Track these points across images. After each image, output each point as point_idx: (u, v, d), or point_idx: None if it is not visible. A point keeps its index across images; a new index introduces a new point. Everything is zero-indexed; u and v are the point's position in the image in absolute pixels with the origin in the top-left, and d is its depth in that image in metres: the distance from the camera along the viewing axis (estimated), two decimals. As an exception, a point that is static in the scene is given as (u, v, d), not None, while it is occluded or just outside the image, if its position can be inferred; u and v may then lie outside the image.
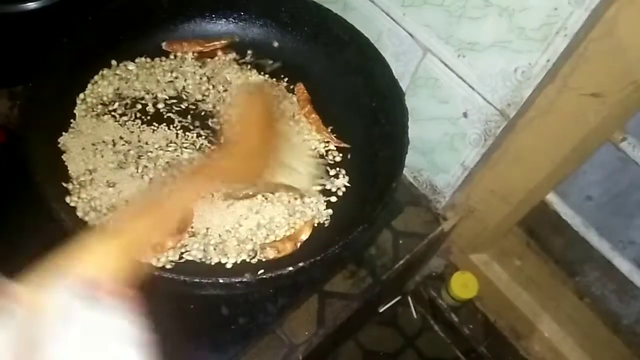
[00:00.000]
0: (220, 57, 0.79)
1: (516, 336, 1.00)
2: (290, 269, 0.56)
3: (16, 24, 0.72)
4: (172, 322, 0.66)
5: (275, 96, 0.73)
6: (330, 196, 0.69)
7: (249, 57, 0.80)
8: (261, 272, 0.57)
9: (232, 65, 0.79)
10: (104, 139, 0.70)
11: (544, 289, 0.95)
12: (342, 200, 0.70)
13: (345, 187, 0.71)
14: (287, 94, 0.77)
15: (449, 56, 0.68)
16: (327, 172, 0.72)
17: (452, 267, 1.00)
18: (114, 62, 0.76)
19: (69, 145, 0.69)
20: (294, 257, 0.61)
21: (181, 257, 0.62)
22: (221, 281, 0.55)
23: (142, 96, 0.74)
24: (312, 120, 0.75)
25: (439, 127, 0.75)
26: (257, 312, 0.68)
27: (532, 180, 0.75)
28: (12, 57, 0.76)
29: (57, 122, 0.69)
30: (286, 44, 0.80)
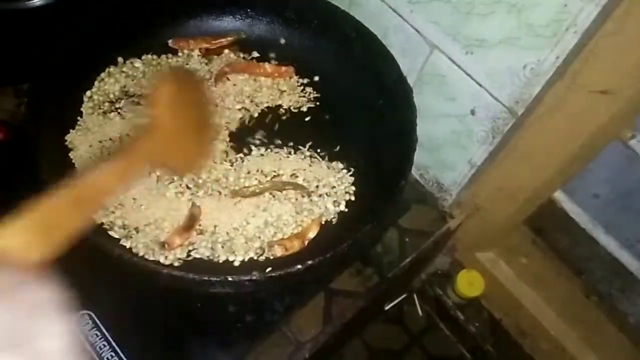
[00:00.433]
0: (226, 54, 0.79)
1: (522, 334, 1.00)
2: (298, 267, 0.56)
3: (21, 21, 0.72)
4: (179, 320, 0.66)
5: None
6: (338, 194, 0.69)
7: (255, 54, 0.79)
8: (269, 270, 0.57)
9: (239, 62, 0.78)
10: (111, 137, 0.70)
11: (550, 287, 0.95)
12: (349, 198, 0.69)
13: (353, 185, 0.70)
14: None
15: (456, 53, 0.67)
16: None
17: (458, 265, 1.00)
18: (120, 59, 0.76)
19: (76, 142, 0.68)
20: (302, 255, 0.60)
21: (189, 254, 0.62)
22: (230, 279, 0.55)
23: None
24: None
25: (446, 125, 0.75)
26: (264, 310, 0.68)
27: (540, 178, 0.74)
28: (18, 55, 0.76)
29: (64, 120, 0.69)
30: (293, 40, 0.79)
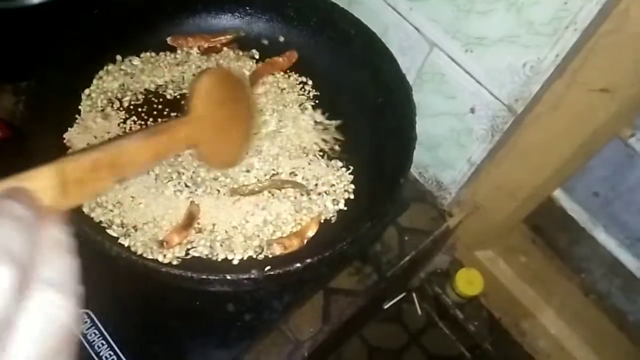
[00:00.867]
0: (225, 52, 0.78)
1: (521, 333, 1.00)
2: (297, 265, 0.55)
3: (20, 19, 0.72)
4: (177, 319, 0.66)
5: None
6: (337, 193, 0.69)
7: (254, 51, 0.79)
8: (268, 268, 0.57)
9: (238, 60, 0.78)
10: (110, 135, 0.70)
11: (549, 285, 0.95)
12: (349, 196, 0.69)
13: (352, 183, 0.70)
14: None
15: (456, 51, 0.67)
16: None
17: (457, 264, 1.00)
18: (119, 57, 0.76)
19: (74, 140, 0.68)
20: (301, 254, 0.60)
21: (187, 253, 0.61)
22: (229, 277, 0.55)
23: (147, 91, 0.74)
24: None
25: (446, 123, 0.75)
26: (262, 308, 0.68)
27: (539, 176, 0.74)
28: (16, 52, 0.76)
29: (63, 118, 0.69)
30: (292, 38, 0.79)
